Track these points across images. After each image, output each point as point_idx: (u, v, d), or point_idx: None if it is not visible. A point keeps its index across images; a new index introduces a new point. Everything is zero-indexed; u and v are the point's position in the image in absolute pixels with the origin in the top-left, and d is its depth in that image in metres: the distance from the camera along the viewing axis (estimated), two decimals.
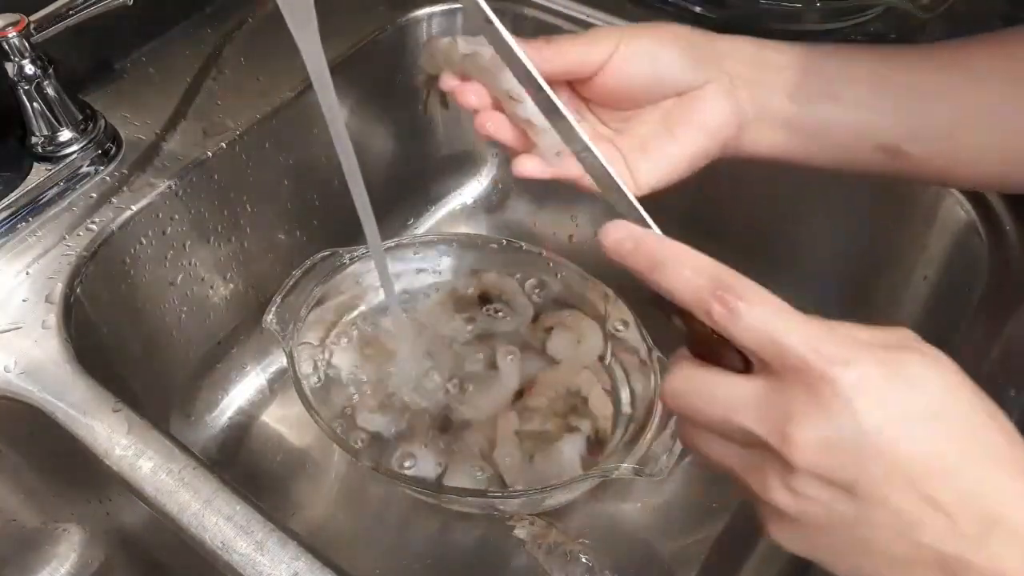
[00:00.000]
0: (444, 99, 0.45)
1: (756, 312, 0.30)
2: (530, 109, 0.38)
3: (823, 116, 0.43)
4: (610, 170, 0.35)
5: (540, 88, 0.35)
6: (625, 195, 0.35)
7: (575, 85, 0.44)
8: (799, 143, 0.44)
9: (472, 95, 0.41)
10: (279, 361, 0.69)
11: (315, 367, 0.61)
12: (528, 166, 0.41)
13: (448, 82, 0.42)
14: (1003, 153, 0.43)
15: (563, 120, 0.35)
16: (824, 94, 0.43)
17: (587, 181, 0.38)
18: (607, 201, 0.36)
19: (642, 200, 0.36)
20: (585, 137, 0.35)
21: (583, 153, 0.35)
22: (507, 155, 0.43)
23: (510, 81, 0.38)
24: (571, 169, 0.40)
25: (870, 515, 0.28)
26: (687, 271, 0.31)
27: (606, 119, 0.45)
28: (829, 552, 0.30)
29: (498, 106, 0.41)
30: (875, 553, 0.29)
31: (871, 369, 0.28)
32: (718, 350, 0.31)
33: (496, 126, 0.41)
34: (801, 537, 0.30)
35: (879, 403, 0.28)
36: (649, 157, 0.43)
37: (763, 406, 0.29)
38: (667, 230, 0.34)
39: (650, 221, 0.34)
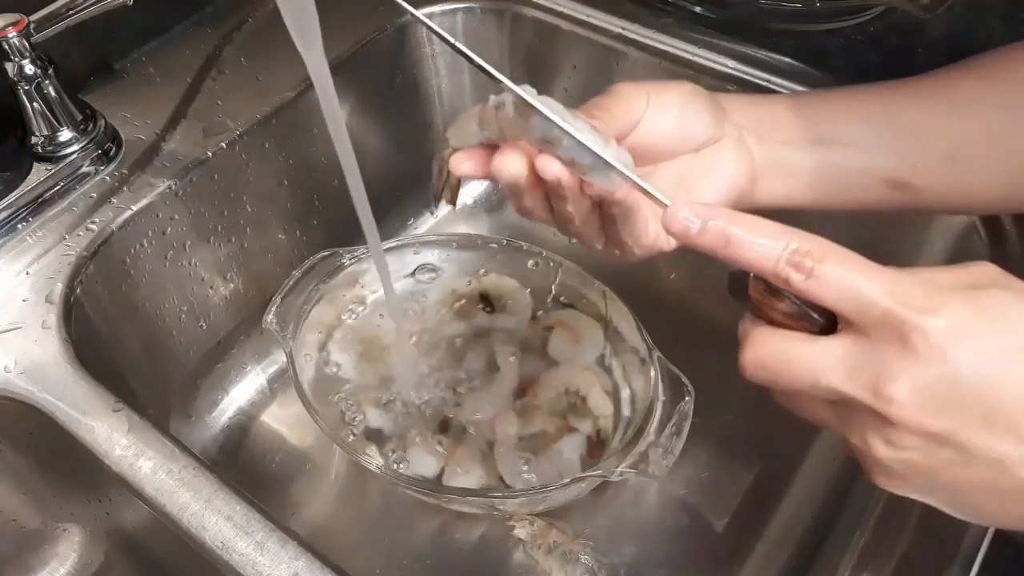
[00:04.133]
0: (455, 192, 0.44)
1: (836, 271, 0.30)
2: (569, 148, 0.36)
3: (827, 159, 0.44)
4: (658, 194, 0.35)
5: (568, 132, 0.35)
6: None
7: None
8: (810, 189, 0.45)
9: (510, 163, 0.38)
10: (279, 361, 0.69)
11: (315, 367, 0.61)
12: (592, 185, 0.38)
13: (462, 164, 0.39)
14: (1010, 174, 0.44)
15: (599, 159, 0.35)
16: (824, 138, 0.44)
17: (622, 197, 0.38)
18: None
19: None
20: (629, 172, 0.35)
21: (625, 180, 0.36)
22: None
23: (539, 126, 0.36)
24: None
25: (973, 458, 0.29)
26: (760, 240, 0.31)
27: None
28: (935, 492, 0.31)
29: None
30: (980, 490, 0.30)
31: (960, 313, 0.28)
32: (795, 326, 0.32)
33: (559, 167, 0.37)
34: (905, 483, 0.31)
35: (973, 347, 0.28)
36: None
37: (852, 365, 0.29)
38: None
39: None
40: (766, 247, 0.31)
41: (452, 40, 0.37)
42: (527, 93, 0.36)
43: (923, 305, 0.28)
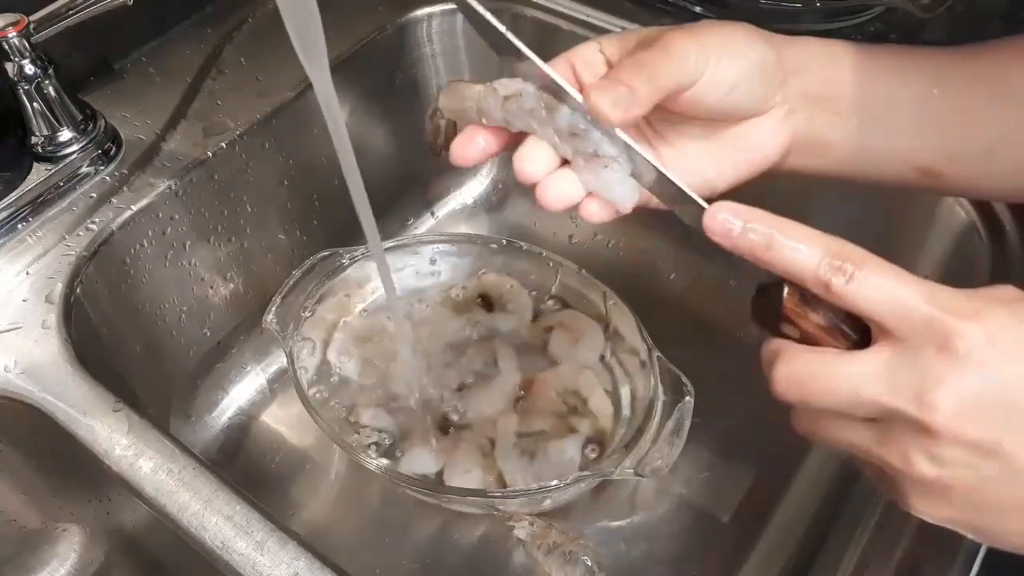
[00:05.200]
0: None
1: (876, 277, 0.29)
2: (596, 139, 0.35)
3: (871, 142, 0.42)
4: (689, 192, 0.34)
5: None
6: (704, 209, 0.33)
7: None
8: (841, 165, 0.43)
9: (534, 159, 0.36)
10: (279, 361, 0.69)
11: (315, 367, 0.61)
12: (593, 209, 0.37)
13: (473, 142, 0.38)
14: None
15: (631, 150, 0.35)
16: (874, 123, 0.42)
17: (653, 203, 0.37)
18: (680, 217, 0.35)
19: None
20: (659, 164, 0.34)
21: (656, 178, 0.35)
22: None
23: (567, 116, 0.35)
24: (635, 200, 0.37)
25: (1019, 472, 0.28)
26: (799, 245, 0.30)
27: (650, 115, 0.40)
28: (976, 514, 0.30)
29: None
30: None
31: (1001, 321, 0.28)
32: (826, 341, 0.31)
33: (566, 189, 0.36)
34: (947, 504, 0.30)
35: (1016, 355, 0.27)
36: (688, 174, 0.40)
37: (893, 374, 0.29)
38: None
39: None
40: (806, 251, 0.30)
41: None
42: (561, 80, 0.35)
43: (964, 311, 0.28)
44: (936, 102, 0.42)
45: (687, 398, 0.52)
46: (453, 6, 0.70)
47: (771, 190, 0.45)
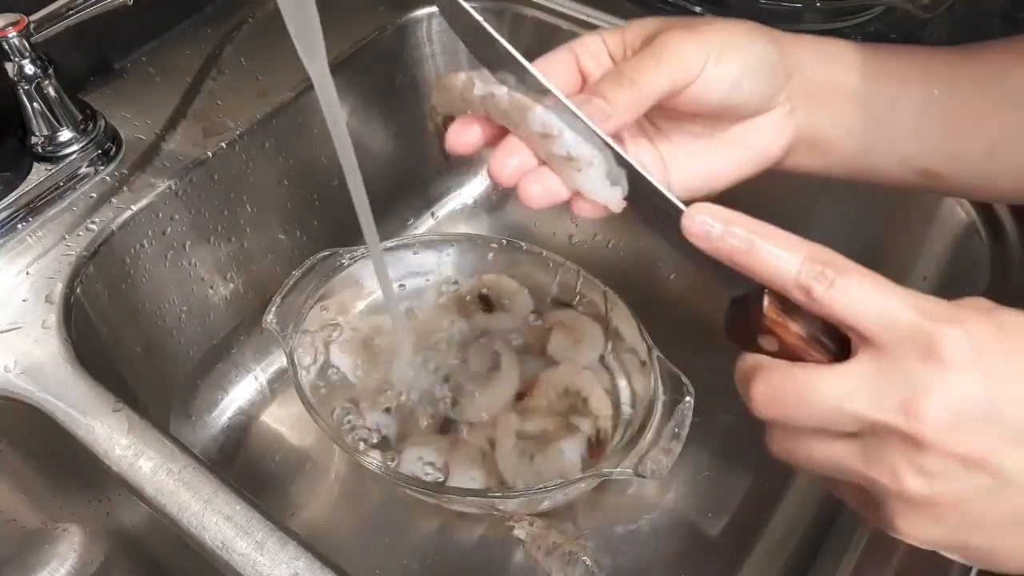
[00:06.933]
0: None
1: (858, 284, 0.28)
2: (569, 141, 0.35)
3: (872, 144, 0.42)
4: (670, 196, 0.33)
5: (578, 118, 0.34)
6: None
7: None
8: (842, 166, 0.43)
9: (512, 157, 0.36)
10: (279, 361, 0.69)
11: (315, 367, 0.61)
12: (584, 206, 0.36)
13: (460, 138, 0.38)
14: None
15: (609, 148, 0.34)
16: (875, 124, 0.42)
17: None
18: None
19: None
20: (639, 166, 0.34)
21: (634, 178, 0.34)
22: None
23: (539, 118, 0.35)
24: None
25: (1007, 483, 0.27)
26: (780, 251, 0.29)
27: (651, 113, 0.40)
28: (966, 532, 0.29)
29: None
30: (1016, 523, 0.28)
31: (985, 328, 0.27)
32: (805, 353, 0.30)
33: (550, 184, 0.36)
34: (935, 523, 0.29)
35: (1002, 362, 0.27)
36: (689, 171, 0.40)
37: (878, 386, 0.28)
38: None
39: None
40: (788, 257, 0.29)
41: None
42: (555, 89, 0.35)
43: (948, 317, 0.27)
44: (936, 103, 0.42)
45: (687, 398, 0.52)
46: None
47: (771, 191, 0.45)
